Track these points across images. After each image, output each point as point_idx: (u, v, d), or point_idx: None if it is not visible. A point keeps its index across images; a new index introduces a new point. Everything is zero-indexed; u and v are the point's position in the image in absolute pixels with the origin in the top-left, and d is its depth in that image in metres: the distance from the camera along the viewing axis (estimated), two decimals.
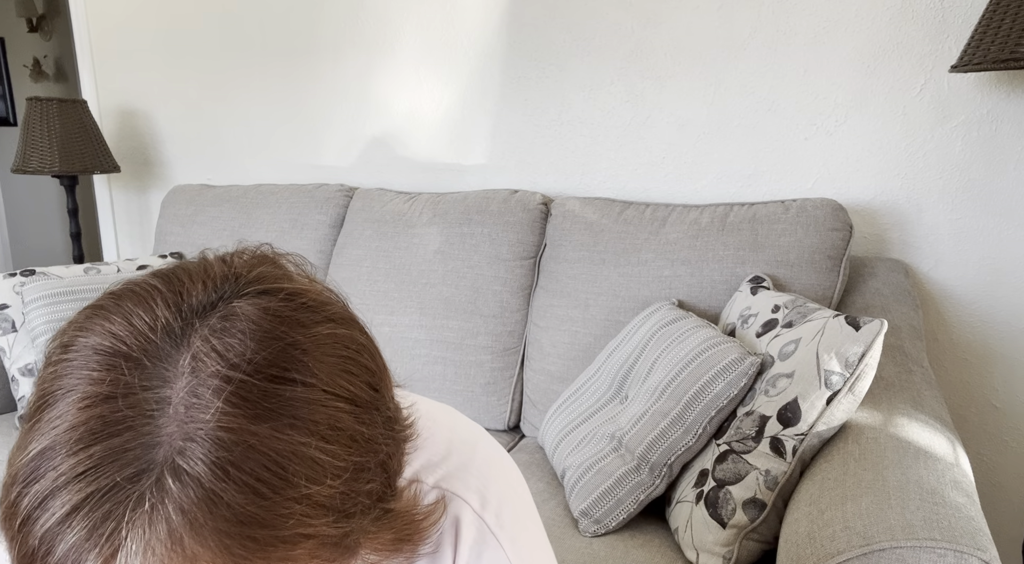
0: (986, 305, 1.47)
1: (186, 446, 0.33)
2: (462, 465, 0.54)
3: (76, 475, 0.32)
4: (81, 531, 0.32)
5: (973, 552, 0.70)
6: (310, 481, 0.34)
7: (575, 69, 1.72)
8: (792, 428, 0.97)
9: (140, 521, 0.32)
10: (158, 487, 0.32)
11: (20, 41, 3.90)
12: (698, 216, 1.44)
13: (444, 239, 1.62)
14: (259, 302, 0.38)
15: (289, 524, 0.34)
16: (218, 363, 0.35)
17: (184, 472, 0.32)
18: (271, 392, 0.35)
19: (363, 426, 0.38)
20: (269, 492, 0.33)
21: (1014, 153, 1.40)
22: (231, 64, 2.14)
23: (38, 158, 2.06)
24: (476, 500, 0.53)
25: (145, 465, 0.32)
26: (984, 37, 1.19)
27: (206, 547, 0.32)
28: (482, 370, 1.56)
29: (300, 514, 0.34)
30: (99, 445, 0.33)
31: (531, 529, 0.56)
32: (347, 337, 0.40)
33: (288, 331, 0.37)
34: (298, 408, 0.35)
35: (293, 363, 0.36)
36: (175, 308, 0.37)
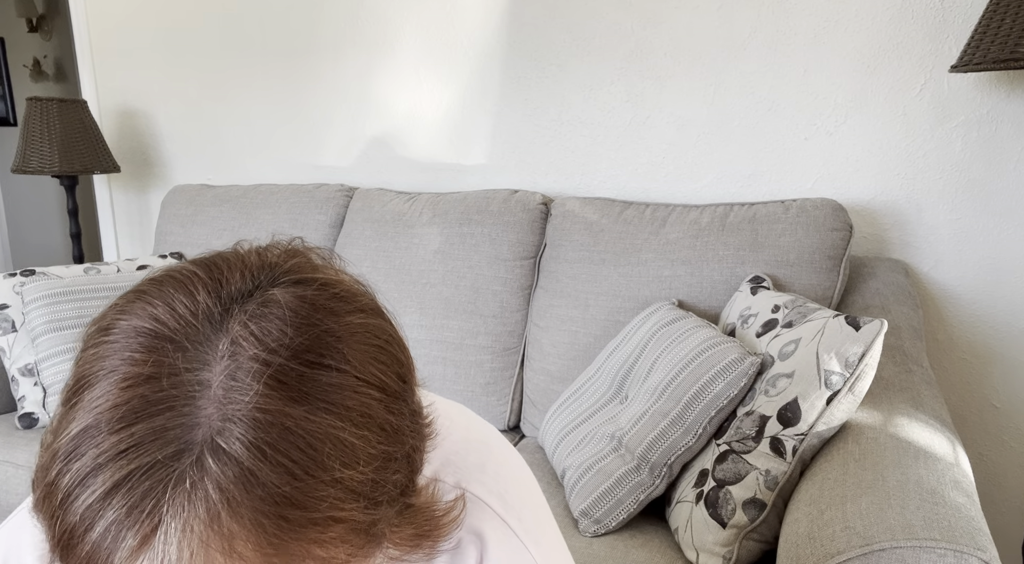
0: (986, 305, 1.47)
1: (225, 427, 0.34)
2: (480, 465, 0.55)
3: (118, 453, 0.33)
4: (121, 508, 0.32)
5: (973, 552, 0.70)
6: (343, 465, 0.35)
7: (575, 69, 1.72)
8: (792, 428, 0.97)
9: (179, 499, 0.32)
10: (198, 466, 0.33)
11: (20, 41, 3.90)
12: (698, 216, 1.44)
13: (444, 239, 1.62)
14: (295, 290, 0.39)
15: (322, 507, 0.34)
16: (256, 347, 0.35)
17: (223, 451, 0.33)
18: (307, 376, 0.36)
19: (392, 415, 0.39)
20: (304, 473, 0.34)
21: (1014, 153, 1.40)
22: (231, 64, 2.14)
23: (38, 158, 2.06)
24: (497, 502, 0.53)
25: (185, 445, 0.33)
26: (984, 37, 1.19)
27: (242, 526, 0.33)
28: (482, 370, 1.56)
29: (333, 497, 0.35)
30: (141, 424, 0.33)
31: (549, 531, 0.57)
32: (378, 327, 0.41)
33: (323, 318, 0.38)
34: (332, 393, 0.36)
35: (328, 349, 0.37)
36: (215, 294, 0.38)
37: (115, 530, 0.32)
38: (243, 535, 0.33)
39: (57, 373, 1.53)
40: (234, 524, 0.33)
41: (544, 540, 0.54)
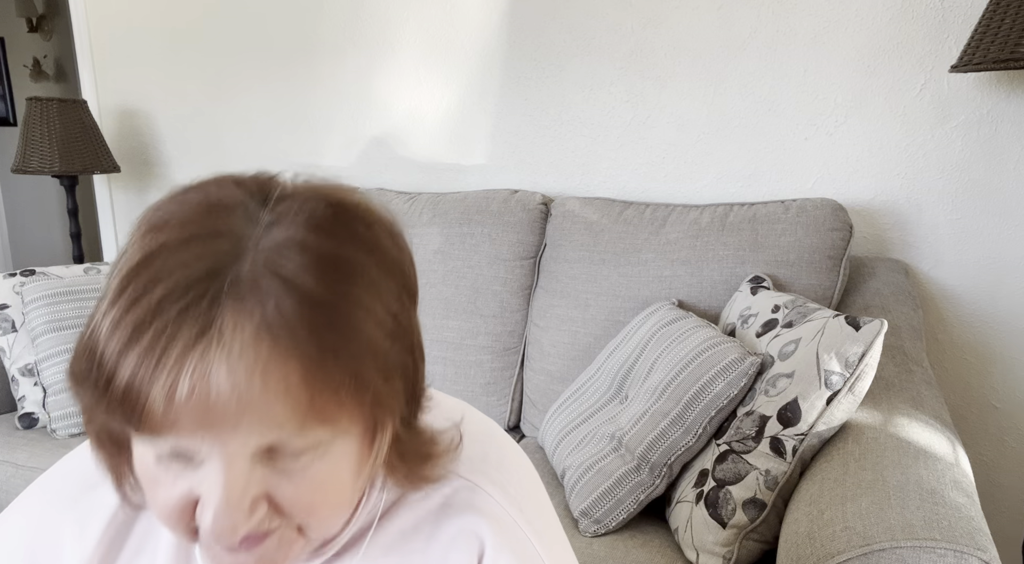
0: (986, 305, 1.47)
1: (278, 248, 0.40)
2: (483, 456, 0.56)
3: (178, 265, 0.39)
4: (184, 303, 0.38)
5: (973, 552, 0.70)
6: (369, 290, 0.42)
7: (575, 69, 1.72)
8: (792, 428, 0.97)
9: (234, 301, 0.38)
10: (252, 274, 0.39)
11: (20, 41, 3.90)
12: (698, 216, 1.44)
13: (444, 239, 1.62)
14: (322, 185, 0.46)
15: (355, 317, 0.41)
16: (297, 209, 0.43)
17: (277, 265, 0.40)
18: (343, 223, 0.43)
19: (406, 298, 0.46)
20: (339, 289, 0.41)
21: (1014, 153, 1.40)
22: (231, 63, 2.14)
23: (38, 158, 2.06)
24: (500, 494, 0.54)
25: (239, 262, 0.40)
26: (984, 37, 1.19)
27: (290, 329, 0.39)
28: (482, 370, 1.56)
29: (364, 309, 0.42)
30: (199, 247, 0.40)
31: (552, 523, 0.57)
32: (395, 227, 0.48)
33: (349, 198, 0.45)
34: (362, 242, 0.43)
35: (357, 214, 0.44)
36: (257, 182, 0.45)
37: (171, 329, 0.38)
38: (289, 341, 0.39)
39: (57, 373, 1.53)
40: (283, 330, 0.39)
41: (547, 532, 0.55)
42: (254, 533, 0.42)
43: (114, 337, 0.39)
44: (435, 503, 0.53)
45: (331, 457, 0.43)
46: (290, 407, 0.39)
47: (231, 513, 0.40)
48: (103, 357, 0.39)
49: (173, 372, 0.38)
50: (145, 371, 0.38)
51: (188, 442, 0.39)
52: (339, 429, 0.42)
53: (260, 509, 0.42)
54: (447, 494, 0.53)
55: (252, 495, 0.41)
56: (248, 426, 0.39)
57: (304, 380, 0.39)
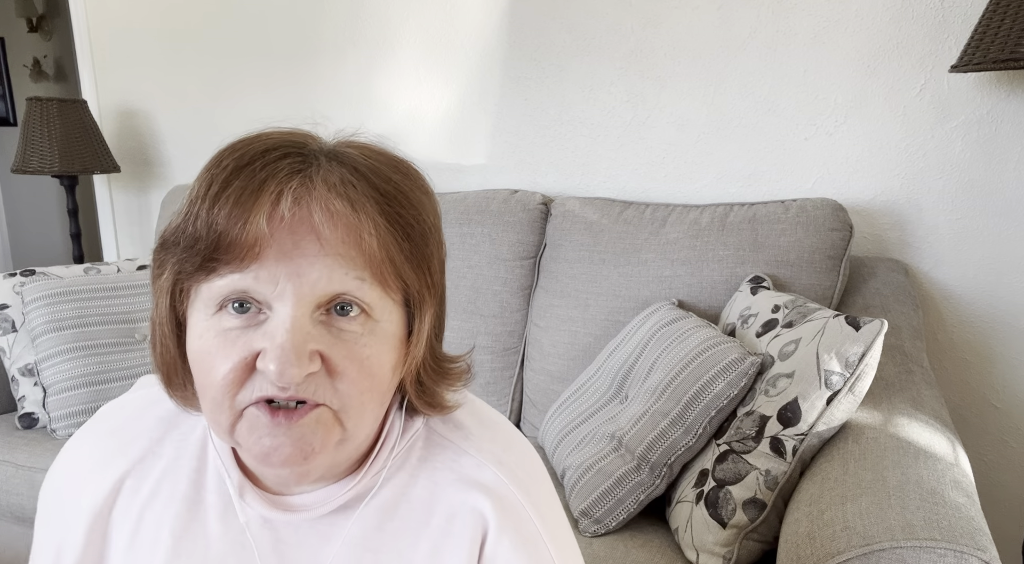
0: (986, 305, 1.47)
1: (333, 151, 0.49)
2: (490, 438, 0.57)
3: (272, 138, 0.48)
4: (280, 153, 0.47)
5: (973, 552, 0.70)
6: (430, 204, 0.51)
7: (575, 69, 1.72)
8: (792, 428, 0.97)
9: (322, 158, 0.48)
10: (329, 151, 0.49)
11: (20, 41, 3.90)
12: (698, 216, 1.44)
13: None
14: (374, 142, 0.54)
15: (421, 203, 0.49)
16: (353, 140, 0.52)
17: (334, 155, 0.49)
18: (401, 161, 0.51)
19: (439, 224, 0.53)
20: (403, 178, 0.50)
21: (1014, 153, 1.40)
22: (231, 63, 2.14)
23: (38, 158, 2.06)
24: (506, 474, 0.55)
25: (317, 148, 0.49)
26: (984, 37, 1.19)
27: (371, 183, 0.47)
28: (482, 370, 1.56)
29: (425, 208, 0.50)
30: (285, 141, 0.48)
31: (556, 510, 0.58)
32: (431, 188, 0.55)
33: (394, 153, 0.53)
34: (418, 180, 0.51)
35: (408, 166, 0.51)
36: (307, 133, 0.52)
37: (276, 163, 0.46)
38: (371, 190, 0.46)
39: (57, 373, 1.53)
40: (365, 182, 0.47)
41: (551, 516, 0.56)
42: (303, 393, 0.45)
43: (217, 180, 0.45)
44: (442, 475, 0.54)
45: (377, 337, 0.47)
46: (364, 250, 0.45)
47: (296, 352, 0.43)
48: (205, 199, 0.44)
49: (275, 194, 0.44)
50: (249, 195, 0.44)
51: (269, 277, 0.44)
52: (390, 300, 0.48)
53: (315, 362, 0.45)
54: (454, 467, 0.54)
55: (311, 346, 0.45)
56: (324, 266, 0.44)
57: (378, 227, 0.45)
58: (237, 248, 0.43)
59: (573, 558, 0.57)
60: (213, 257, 0.44)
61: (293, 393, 0.45)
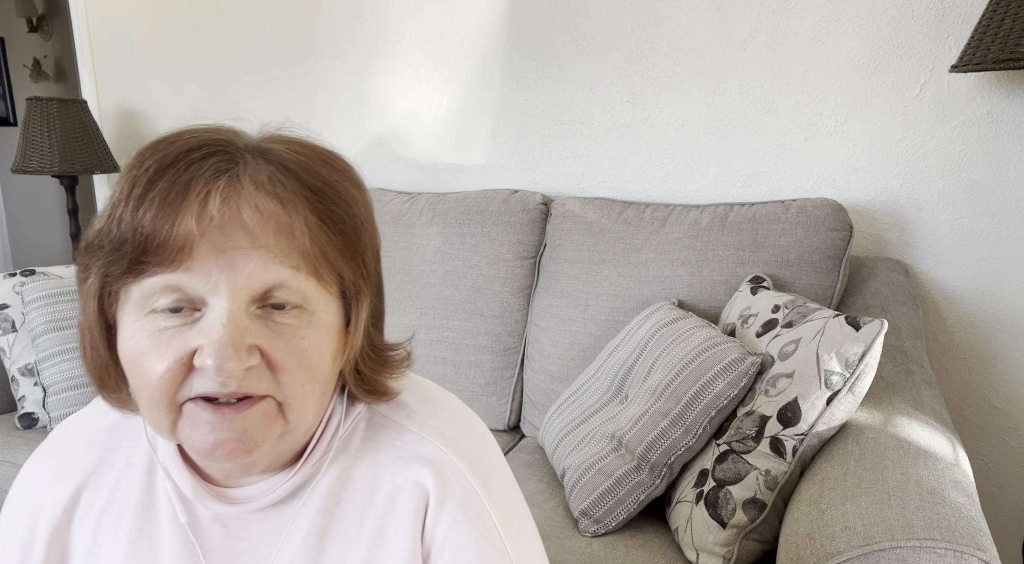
0: (986, 305, 1.47)
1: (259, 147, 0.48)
2: (432, 413, 0.58)
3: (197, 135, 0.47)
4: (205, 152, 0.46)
5: (973, 552, 0.70)
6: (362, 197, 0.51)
7: (575, 69, 1.72)
8: (792, 428, 0.97)
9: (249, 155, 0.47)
10: (254, 147, 0.48)
11: (20, 41, 3.90)
12: (698, 216, 1.44)
13: (444, 239, 1.62)
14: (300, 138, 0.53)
15: (351, 197, 0.49)
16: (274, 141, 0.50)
17: (259, 151, 0.48)
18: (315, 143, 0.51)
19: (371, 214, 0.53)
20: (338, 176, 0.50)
21: (1014, 153, 1.40)
22: (231, 64, 2.14)
23: (38, 158, 2.06)
24: (447, 445, 0.55)
25: (241, 145, 0.48)
26: (984, 37, 1.19)
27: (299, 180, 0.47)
28: (482, 370, 1.56)
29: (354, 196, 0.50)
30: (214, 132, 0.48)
31: (503, 479, 0.58)
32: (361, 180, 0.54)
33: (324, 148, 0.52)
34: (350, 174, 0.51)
35: (338, 160, 0.51)
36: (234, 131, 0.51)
37: (202, 160, 0.45)
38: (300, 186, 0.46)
39: (57, 373, 1.53)
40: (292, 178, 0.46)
41: (495, 483, 0.56)
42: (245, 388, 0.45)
43: (140, 183, 0.44)
44: (384, 454, 0.55)
45: (315, 328, 0.48)
46: (296, 246, 0.45)
47: (234, 346, 0.43)
48: (129, 201, 0.44)
49: (202, 194, 0.43)
50: (175, 196, 0.43)
51: (202, 272, 0.44)
52: (325, 292, 0.48)
53: (254, 356, 0.45)
54: (396, 445, 0.55)
55: (249, 341, 0.45)
56: (258, 257, 0.44)
57: (309, 224, 0.45)
58: (166, 250, 0.43)
59: (521, 527, 0.57)
60: (141, 259, 0.43)
61: (235, 389, 0.44)
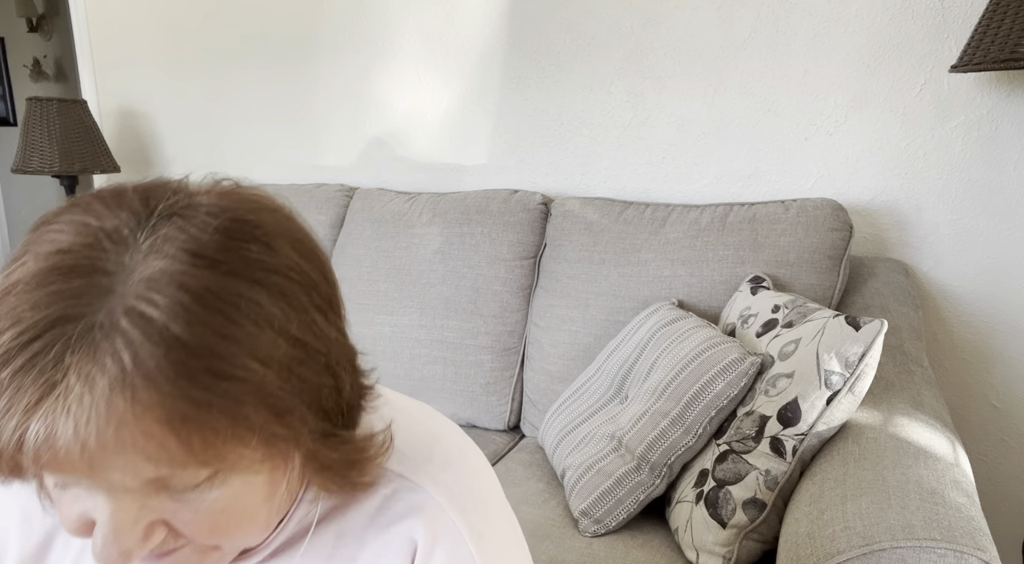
0: (986, 305, 1.47)
1: (141, 292, 0.35)
2: (426, 456, 0.54)
3: (31, 306, 0.35)
4: (25, 359, 0.34)
5: (973, 552, 0.70)
6: (256, 325, 0.37)
7: (575, 69, 1.72)
8: (792, 428, 0.97)
9: (85, 353, 0.34)
10: (108, 323, 0.34)
11: (20, 41, 3.90)
12: (698, 216, 1.44)
13: (444, 239, 1.62)
14: (220, 196, 0.41)
15: (229, 360, 0.36)
16: (179, 229, 0.38)
17: (135, 312, 0.35)
18: (229, 250, 0.38)
19: (315, 311, 0.41)
20: (212, 331, 0.35)
21: (1014, 153, 1.40)
22: (231, 63, 2.14)
23: (38, 158, 2.06)
24: (441, 493, 0.51)
25: (99, 304, 0.35)
26: (984, 37, 1.19)
27: (149, 379, 0.34)
28: (482, 370, 1.56)
29: (242, 355, 0.36)
30: (56, 286, 0.35)
31: (500, 526, 0.55)
32: (303, 229, 0.44)
33: (246, 213, 0.40)
34: (252, 268, 0.38)
35: (251, 234, 0.39)
36: (144, 198, 0.40)
37: (17, 380, 0.33)
38: (148, 387, 0.34)
39: None
40: (140, 377, 0.34)
41: (488, 535, 0.52)
42: (157, 552, 0.40)
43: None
44: (374, 505, 0.51)
45: (231, 485, 0.40)
46: (158, 456, 0.35)
47: (120, 541, 0.38)
48: None
49: (21, 428, 0.34)
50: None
51: (62, 479, 0.37)
52: (229, 465, 0.39)
53: (157, 534, 0.40)
54: (387, 496, 0.51)
55: (145, 522, 0.39)
56: (114, 469, 0.36)
57: (171, 433, 0.35)
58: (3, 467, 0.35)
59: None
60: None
61: (142, 557, 0.39)
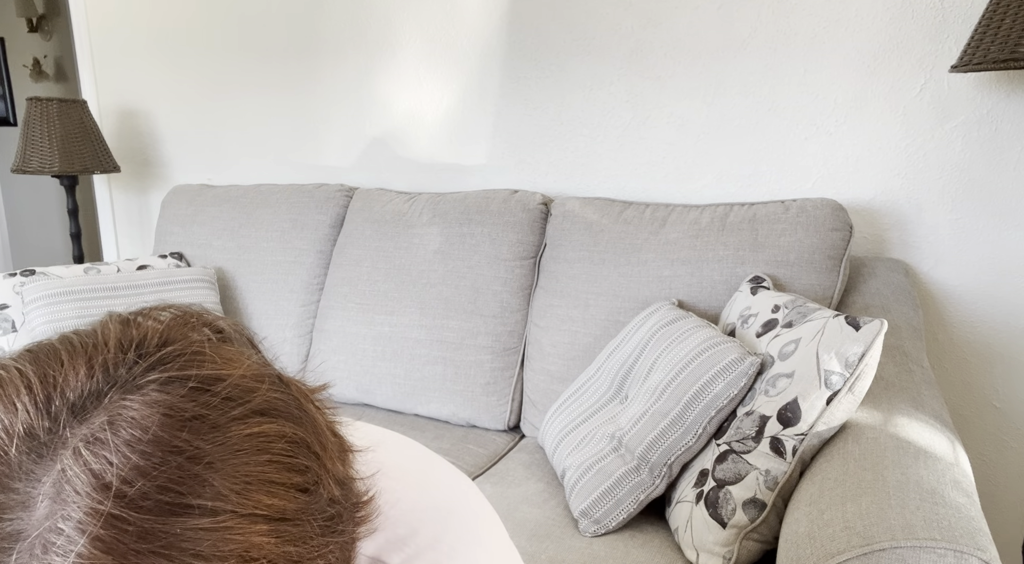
0: (986, 305, 1.47)
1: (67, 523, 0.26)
2: (433, 540, 0.47)
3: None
4: None
5: (973, 552, 0.70)
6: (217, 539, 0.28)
7: (575, 69, 1.72)
8: (792, 428, 0.97)
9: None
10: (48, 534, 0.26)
11: (20, 41, 3.90)
12: (698, 216, 1.44)
13: (444, 239, 1.62)
14: (158, 399, 0.30)
15: None
16: (90, 489, 0.27)
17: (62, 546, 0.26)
18: (161, 529, 0.27)
19: (290, 545, 0.31)
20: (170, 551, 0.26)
21: (1014, 153, 1.40)
22: (231, 64, 2.14)
23: (38, 158, 2.06)
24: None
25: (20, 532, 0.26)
26: (984, 37, 1.19)
27: None
28: (482, 370, 1.56)
29: None
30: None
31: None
32: (275, 434, 0.32)
33: (191, 439, 0.29)
34: (198, 542, 0.28)
35: (193, 484, 0.28)
36: (44, 406, 0.29)
37: None
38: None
39: None
40: None
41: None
42: None
43: None
44: None
45: None
46: None
47: None
48: None
49: None
50: None
51: None
52: None
53: None
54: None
55: None
56: None
57: None
58: None
59: None
60: None
61: None
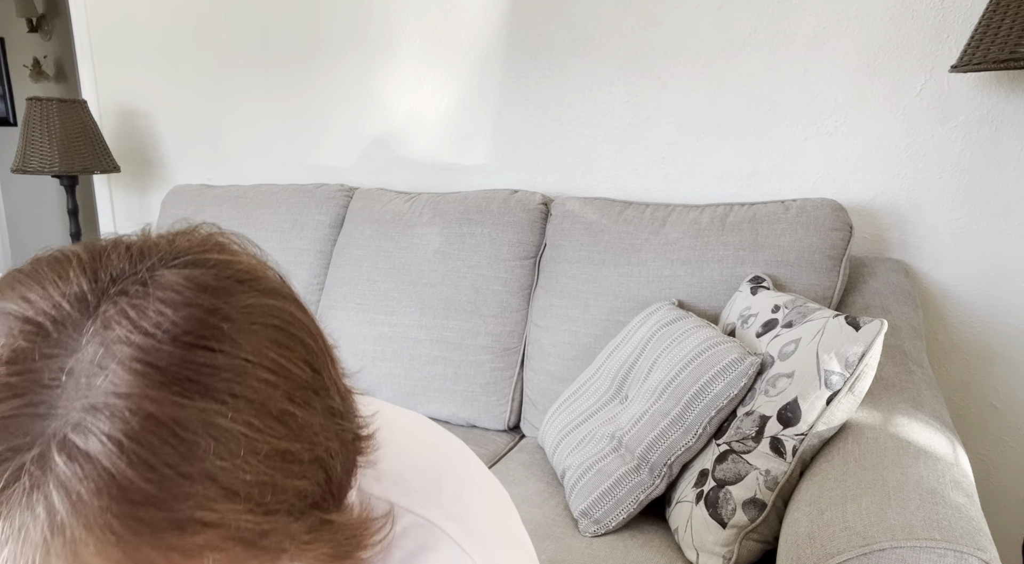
0: (986, 305, 1.47)
1: (82, 418, 0.30)
2: (436, 486, 0.50)
3: None
4: None
5: (973, 552, 0.70)
6: (218, 455, 0.31)
7: (575, 69, 1.72)
8: (792, 428, 0.97)
9: (16, 498, 0.29)
10: (40, 462, 0.29)
11: (20, 41, 3.90)
12: (698, 216, 1.44)
13: (444, 239, 1.62)
14: (184, 271, 0.35)
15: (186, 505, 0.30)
16: (128, 330, 0.32)
17: (73, 446, 0.30)
18: (185, 359, 0.32)
19: (295, 406, 0.35)
20: (165, 466, 0.30)
21: (1014, 153, 1.40)
22: (231, 64, 2.14)
23: (38, 158, 2.06)
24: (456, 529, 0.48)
25: (31, 437, 0.30)
26: (984, 37, 1.19)
27: (89, 530, 0.29)
28: (482, 370, 1.56)
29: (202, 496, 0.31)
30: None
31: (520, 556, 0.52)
32: (279, 309, 0.37)
33: (211, 299, 0.34)
34: (214, 377, 0.32)
35: (213, 331, 0.33)
36: (91, 275, 0.34)
37: None
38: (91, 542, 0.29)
39: None
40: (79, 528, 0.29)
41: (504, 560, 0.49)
42: None
43: None
44: (384, 545, 0.47)
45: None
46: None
47: None
48: None
49: None
50: None
51: None
52: None
53: None
54: (396, 534, 0.47)
55: None
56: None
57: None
58: None
59: None
60: None
61: None
